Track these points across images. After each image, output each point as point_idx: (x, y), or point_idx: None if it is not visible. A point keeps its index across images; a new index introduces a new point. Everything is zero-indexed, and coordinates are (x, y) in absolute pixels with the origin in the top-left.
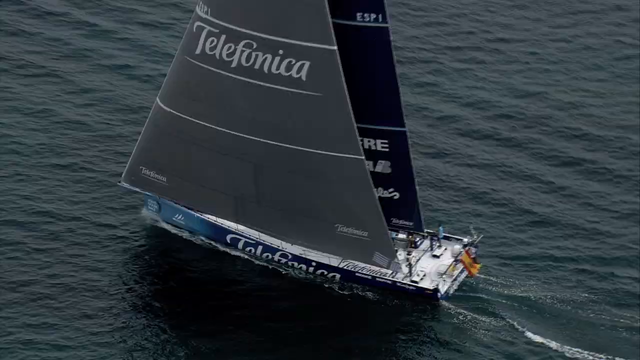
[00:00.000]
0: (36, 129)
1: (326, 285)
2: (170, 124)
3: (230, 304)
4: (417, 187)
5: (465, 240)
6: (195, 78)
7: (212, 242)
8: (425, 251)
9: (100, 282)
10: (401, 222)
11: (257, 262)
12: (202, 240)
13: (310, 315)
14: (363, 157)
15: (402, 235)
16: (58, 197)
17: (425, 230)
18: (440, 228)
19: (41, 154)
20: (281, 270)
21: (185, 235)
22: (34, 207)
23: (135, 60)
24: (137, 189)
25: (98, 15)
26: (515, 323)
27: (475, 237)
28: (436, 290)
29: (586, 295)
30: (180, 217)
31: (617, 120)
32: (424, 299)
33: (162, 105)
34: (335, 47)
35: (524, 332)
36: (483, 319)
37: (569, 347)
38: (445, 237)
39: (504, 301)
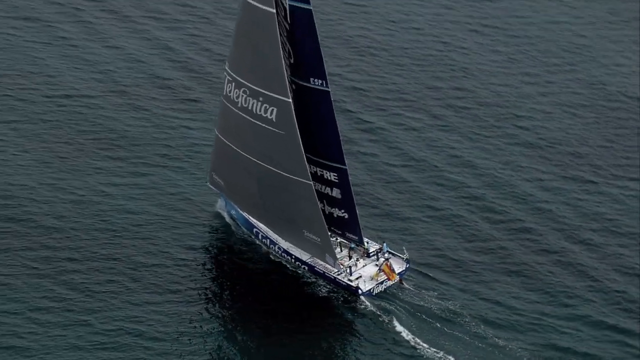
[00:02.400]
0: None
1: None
2: (219, 144)
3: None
4: (357, 210)
5: (386, 255)
6: (226, 112)
7: (249, 233)
8: (371, 260)
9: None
10: (350, 235)
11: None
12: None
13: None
14: (311, 183)
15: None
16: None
17: (373, 244)
18: (385, 244)
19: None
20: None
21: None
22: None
23: None
24: (213, 188)
25: None
26: (411, 327)
27: (405, 254)
28: (357, 288)
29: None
30: (234, 212)
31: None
32: (351, 293)
33: (216, 130)
34: (290, 100)
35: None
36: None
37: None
38: (389, 252)
39: (414, 306)
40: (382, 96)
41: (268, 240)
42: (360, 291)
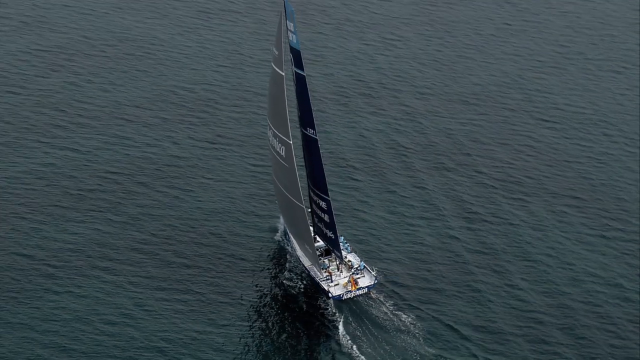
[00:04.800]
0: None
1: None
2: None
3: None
4: (337, 232)
5: (362, 269)
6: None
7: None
8: (351, 273)
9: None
10: (335, 250)
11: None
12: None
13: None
14: (303, 207)
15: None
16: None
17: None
18: (362, 262)
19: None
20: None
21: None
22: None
23: None
24: None
25: None
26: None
27: (374, 271)
28: (329, 292)
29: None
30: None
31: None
32: (326, 295)
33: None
34: (291, 142)
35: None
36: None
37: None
38: (365, 267)
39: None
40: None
41: (291, 247)
42: (330, 295)
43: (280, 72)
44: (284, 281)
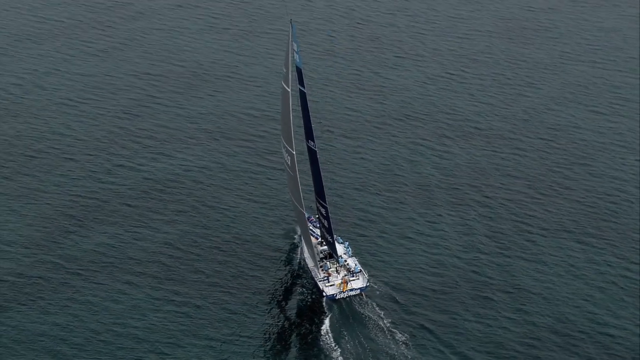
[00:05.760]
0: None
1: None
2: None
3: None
4: (334, 237)
5: (349, 272)
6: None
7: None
8: (345, 275)
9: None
10: (333, 253)
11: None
12: None
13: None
14: (303, 211)
15: (349, 261)
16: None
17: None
18: (357, 265)
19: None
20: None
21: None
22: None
23: None
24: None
25: None
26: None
27: (366, 275)
28: (323, 291)
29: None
30: None
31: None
32: (321, 294)
33: None
34: (294, 152)
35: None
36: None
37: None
38: (361, 270)
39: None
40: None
41: (300, 249)
42: (324, 294)
43: (287, 88)
44: (289, 278)
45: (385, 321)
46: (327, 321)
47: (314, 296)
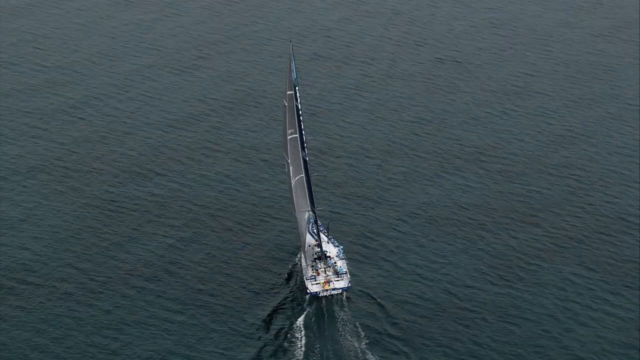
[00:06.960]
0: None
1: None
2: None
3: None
4: (321, 238)
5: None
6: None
7: None
8: (328, 274)
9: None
10: (322, 254)
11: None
12: None
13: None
14: (296, 214)
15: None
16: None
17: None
18: (341, 267)
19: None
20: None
21: None
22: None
23: None
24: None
25: None
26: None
27: (349, 277)
28: (307, 288)
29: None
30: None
31: None
32: (305, 291)
33: None
34: (289, 160)
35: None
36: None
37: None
38: (345, 273)
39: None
40: None
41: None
42: (308, 291)
43: (285, 103)
44: (283, 276)
45: (357, 323)
46: (302, 318)
47: (300, 292)
